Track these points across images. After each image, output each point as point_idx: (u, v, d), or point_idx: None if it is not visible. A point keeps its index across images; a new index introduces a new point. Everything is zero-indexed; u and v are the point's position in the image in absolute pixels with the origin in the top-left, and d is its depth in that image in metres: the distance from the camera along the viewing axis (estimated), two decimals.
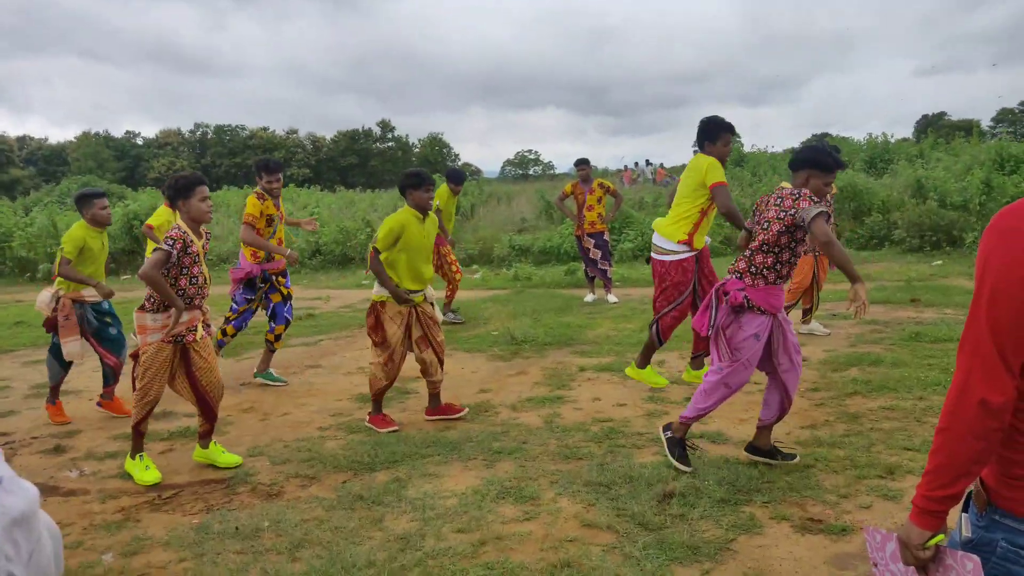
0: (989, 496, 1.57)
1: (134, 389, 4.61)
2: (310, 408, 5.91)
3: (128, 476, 4.61)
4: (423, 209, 5.21)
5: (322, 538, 3.63)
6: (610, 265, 10.21)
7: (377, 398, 5.34)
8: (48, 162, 59.89)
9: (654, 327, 5.53)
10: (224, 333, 6.56)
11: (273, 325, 6.57)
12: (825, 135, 33.28)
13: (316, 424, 5.48)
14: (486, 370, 6.84)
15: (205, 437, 4.73)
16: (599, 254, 10.00)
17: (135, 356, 4.58)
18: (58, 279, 5.73)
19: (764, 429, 4.27)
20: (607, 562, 3.25)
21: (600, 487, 4.03)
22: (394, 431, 5.18)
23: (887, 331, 7.34)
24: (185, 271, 4.43)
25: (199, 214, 4.48)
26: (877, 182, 16.14)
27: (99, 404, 6.08)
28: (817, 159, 3.97)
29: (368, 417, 5.36)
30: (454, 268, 9.04)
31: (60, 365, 5.87)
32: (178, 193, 4.44)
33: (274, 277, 6.52)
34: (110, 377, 5.99)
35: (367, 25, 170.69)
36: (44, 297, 5.74)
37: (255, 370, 6.78)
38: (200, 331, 4.59)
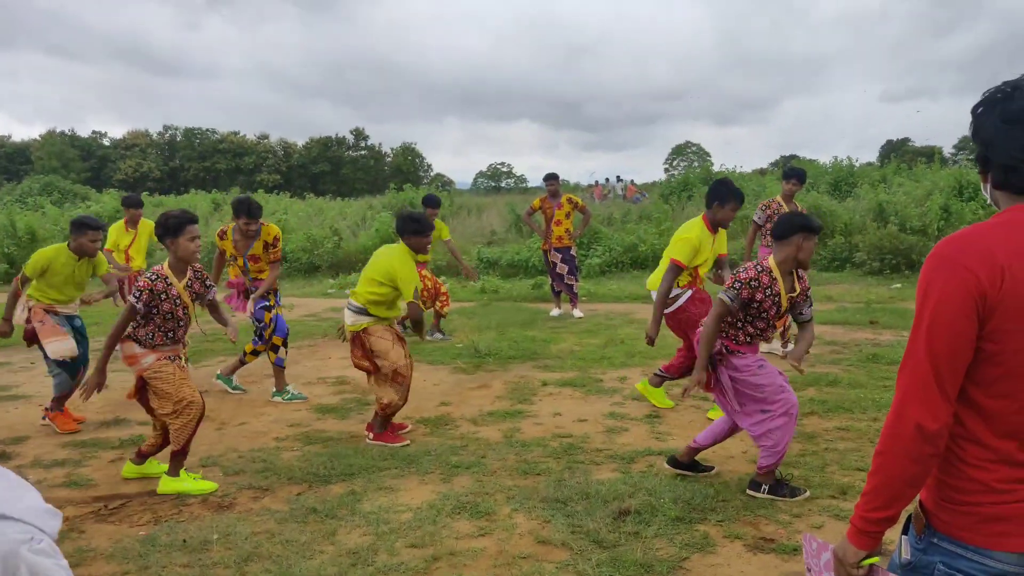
0: (928, 519, 1.59)
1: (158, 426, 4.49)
2: (268, 418, 5.83)
3: (76, 485, 4.50)
4: (421, 252, 5.27)
5: (272, 552, 3.56)
6: (576, 280, 10.24)
7: (387, 417, 5.20)
8: (11, 160, 58.59)
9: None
10: (276, 349, 6.35)
11: (256, 340, 6.41)
12: (793, 157, 33.87)
13: (273, 434, 5.40)
14: (448, 383, 6.80)
15: (144, 456, 4.60)
16: (566, 269, 10.03)
17: (140, 388, 4.39)
18: (31, 288, 5.60)
19: (694, 451, 4.35)
20: None
21: (556, 503, 4.01)
22: (405, 445, 5.07)
23: (845, 352, 7.45)
24: (165, 316, 4.36)
25: (187, 254, 4.39)
26: (840, 205, 16.43)
27: (44, 416, 5.77)
28: (808, 223, 3.97)
29: (372, 435, 5.17)
30: (443, 298, 8.91)
31: (69, 374, 5.58)
32: (167, 232, 4.35)
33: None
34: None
35: (344, 32, 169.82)
36: (18, 313, 5.62)
37: (219, 371, 6.74)
38: (182, 358, 4.51)
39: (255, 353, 6.51)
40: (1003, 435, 1.50)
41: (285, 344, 6.41)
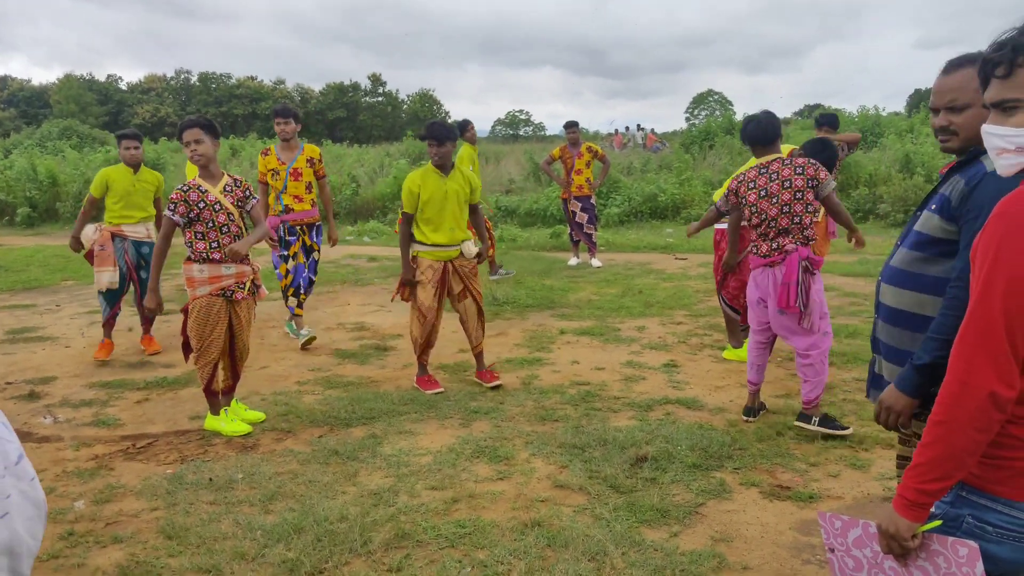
0: None
1: (185, 352, 4.52)
2: (288, 362, 5.90)
3: (104, 424, 4.60)
4: (437, 164, 5.02)
5: (296, 491, 3.64)
6: (595, 230, 10.18)
7: (419, 359, 5.23)
8: (29, 104, 58.49)
9: (720, 300, 5.63)
10: (298, 304, 6.40)
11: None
12: (818, 107, 33.16)
13: (294, 378, 5.47)
14: None
15: (228, 394, 4.61)
16: (585, 218, 9.97)
17: (185, 311, 4.45)
18: (107, 210, 6.14)
19: (755, 393, 4.55)
20: (577, 523, 3.29)
21: (574, 449, 4.06)
22: (439, 393, 5.06)
23: (866, 304, 7.40)
24: (209, 224, 4.30)
25: (191, 159, 4.40)
26: (866, 155, 16.13)
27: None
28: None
29: (415, 378, 5.26)
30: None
31: (106, 301, 6.10)
32: (180, 140, 4.36)
33: (299, 228, 6.34)
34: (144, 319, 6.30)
35: None
36: (88, 230, 6.07)
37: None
38: (246, 291, 4.45)
39: (296, 297, 6.39)
40: None
41: (296, 295, 6.37)
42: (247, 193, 4.52)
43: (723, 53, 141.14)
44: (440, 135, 4.96)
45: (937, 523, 1.57)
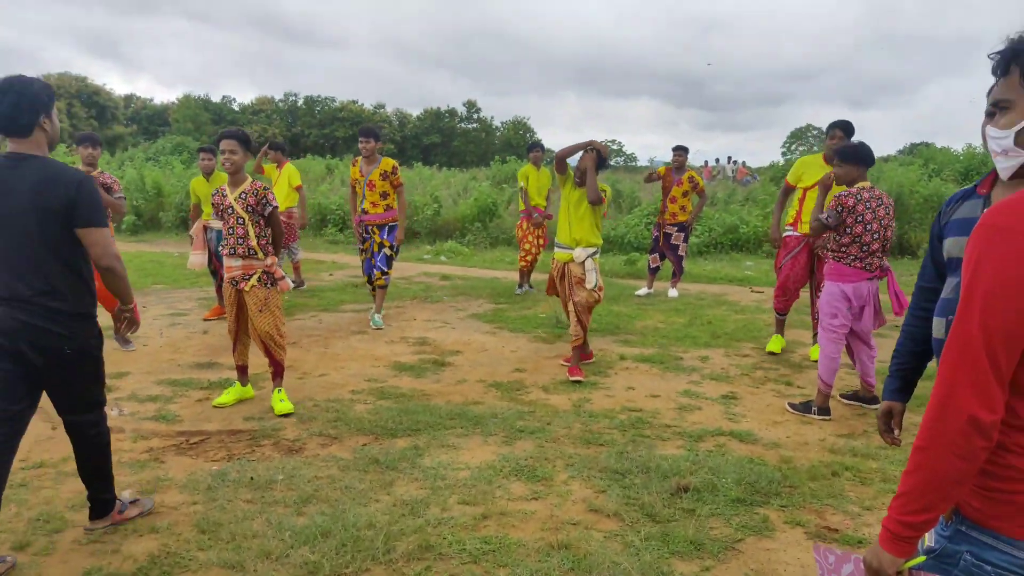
0: (957, 506, 1.45)
1: None
2: (347, 372, 6.01)
3: (164, 419, 4.79)
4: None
5: (331, 496, 3.68)
6: (686, 255, 9.91)
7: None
8: (151, 121, 62.42)
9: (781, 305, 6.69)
10: (372, 289, 7.79)
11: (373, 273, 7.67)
12: (924, 144, 31.74)
13: (349, 387, 5.56)
14: (526, 350, 6.80)
15: (273, 379, 5.13)
16: (682, 237, 9.71)
17: None
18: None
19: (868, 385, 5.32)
20: (605, 548, 3.18)
21: (615, 474, 3.95)
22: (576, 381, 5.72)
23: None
24: (226, 224, 4.96)
25: (223, 165, 4.90)
26: None
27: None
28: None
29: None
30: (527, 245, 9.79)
31: (213, 277, 7.95)
32: (217, 147, 5.05)
33: (372, 228, 7.48)
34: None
35: (467, 1, 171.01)
36: (196, 225, 7.55)
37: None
38: (253, 282, 4.88)
39: (371, 283, 7.73)
40: None
41: (369, 281, 7.71)
42: (263, 201, 4.87)
43: (826, 87, 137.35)
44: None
45: (921, 559, 1.45)
